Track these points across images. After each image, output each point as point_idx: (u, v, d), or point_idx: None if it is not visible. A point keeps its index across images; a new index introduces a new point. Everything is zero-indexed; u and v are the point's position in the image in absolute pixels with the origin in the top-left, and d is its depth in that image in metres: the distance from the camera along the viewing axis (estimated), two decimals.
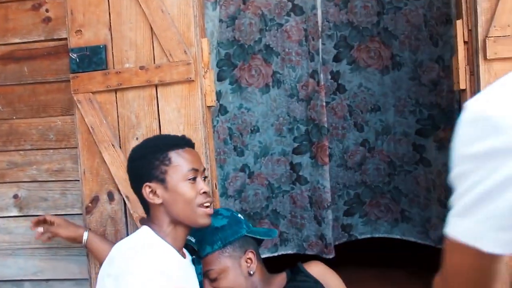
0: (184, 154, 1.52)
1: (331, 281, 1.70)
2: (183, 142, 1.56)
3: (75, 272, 2.04)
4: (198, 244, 1.67)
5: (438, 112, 2.72)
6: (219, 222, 1.67)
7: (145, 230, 1.53)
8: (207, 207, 1.52)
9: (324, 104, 2.65)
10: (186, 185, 1.48)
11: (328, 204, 2.71)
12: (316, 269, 1.72)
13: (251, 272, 1.66)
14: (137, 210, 1.92)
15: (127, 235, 1.95)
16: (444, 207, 2.73)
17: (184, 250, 1.61)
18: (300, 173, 2.81)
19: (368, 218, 2.98)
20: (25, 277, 2.08)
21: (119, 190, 1.94)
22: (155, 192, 1.48)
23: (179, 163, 1.49)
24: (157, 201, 1.49)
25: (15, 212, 2.07)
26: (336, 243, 2.85)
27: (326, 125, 2.68)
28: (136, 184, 1.54)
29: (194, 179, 1.50)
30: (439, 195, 2.76)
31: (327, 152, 2.71)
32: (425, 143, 2.82)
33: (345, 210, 2.97)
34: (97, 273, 1.95)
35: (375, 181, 2.97)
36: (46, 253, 2.06)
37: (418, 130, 2.83)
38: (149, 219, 1.56)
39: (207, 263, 1.66)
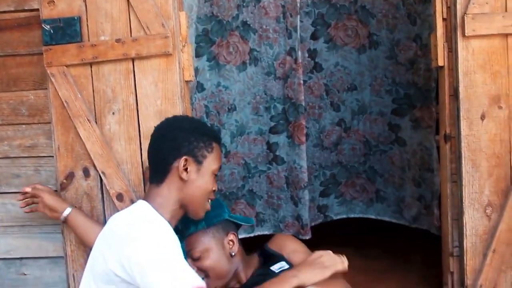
0: (219, 152, 1.64)
1: (290, 248, 1.72)
2: (220, 141, 1.68)
3: (50, 250, 2.00)
4: (182, 223, 1.68)
5: (415, 91, 2.72)
6: None
7: (143, 205, 1.53)
8: (209, 204, 1.62)
9: (302, 82, 2.61)
10: (212, 177, 1.59)
11: (305, 185, 2.69)
12: (275, 243, 1.75)
13: (233, 253, 1.70)
14: (114, 186, 1.90)
15: (104, 212, 1.92)
16: (418, 187, 2.76)
17: None
18: (277, 153, 2.78)
19: (343, 199, 2.99)
20: None
21: (95, 166, 1.90)
22: (187, 168, 1.53)
23: (217, 156, 1.60)
24: (185, 177, 1.53)
25: None
26: (312, 224, 2.86)
27: (303, 104, 2.65)
28: (169, 151, 1.54)
29: (216, 175, 1.61)
30: (414, 175, 2.78)
31: (304, 131, 2.68)
32: (401, 123, 2.82)
33: (321, 190, 2.95)
34: (72, 251, 1.94)
35: (350, 161, 2.96)
36: (19, 231, 2.01)
37: (394, 110, 2.82)
38: (153, 191, 1.55)
39: (191, 243, 1.68)
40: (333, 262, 1.58)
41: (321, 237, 2.74)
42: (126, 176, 1.88)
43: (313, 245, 2.30)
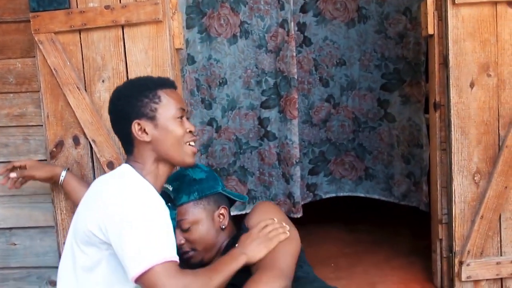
0: (172, 94, 1.54)
1: (255, 220, 1.67)
2: (169, 83, 1.58)
3: (40, 220, 1.99)
4: (175, 192, 1.67)
5: (404, 65, 2.72)
6: (198, 175, 1.68)
7: (126, 168, 1.51)
8: (193, 145, 1.56)
9: (294, 54, 2.58)
10: (175, 123, 1.50)
11: (297, 161, 2.66)
12: (251, 221, 1.68)
13: (223, 227, 1.69)
14: (104, 154, 1.88)
15: (94, 180, 1.90)
16: (407, 163, 2.77)
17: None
18: (268, 129, 2.74)
19: (332, 177, 2.98)
20: None
21: (85, 134, 1.89)
22: (144, 129, 1.48)
23: (169, 101, 1.51)
24: (146, 138, 1.48)
25: None
26: (302, 203, 2.84)
27: (295, 77, 2.61)
28: (121, 123, 1.51)
29: (181, 117, 1.53)
30: (403, 151, 2.78)
31: (296, 106, 2.64)
32: (390, 98, 2.81)
33: (310, 168, 2.94)
34: (63, 219, 1.93)
35: (339, 138, 2.95)
36: (9, 201, 1.99)
37: (383, 85, 2.82)
38: (130, 158, 1.53)
39: (182, 213, 1.66)
40: (276, 233, 1.58)
41: (310, 215, 2.75)
42: (116, 144, 1.86)
43: (302, 222, 2.33)
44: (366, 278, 2.24)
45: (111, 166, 1.87)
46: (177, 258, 1.38)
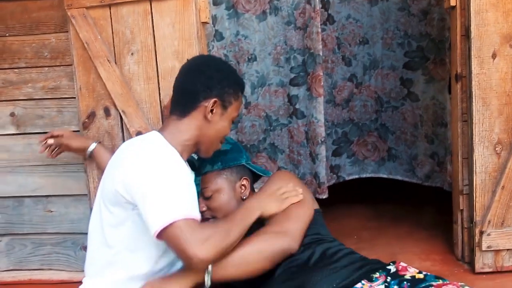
0: (242, 102, 1.74)
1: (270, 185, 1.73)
2: (243, 91, 1.74)
3: (73, 188, 2.09)
4: (200, 161, 1.74)
5: (428, 43, 2.68)
6: (223, 146, 1.74)
7: (155, 134, 1.58)
8: (219, 147, 1.70)
9: (320, 31, 2.55)
10: (229, 124, 1.66)
11: (322, 140, 2.64)
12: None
13: (243, 198, 1.74)
14: (133, 125, 1.97)
15: None
16: (431, 143, 2.75)
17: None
18: (297, 106, 2.72)
19: (355, 158, 2.96)
20: (25, 194, 2.13)
21: (115, 105, 1.97)
22: (213, 110, 1.59)
23: (238, 106, 1.68)
24: (210, 117, 1.58)
25: (12, 130, 2.10)
26: (326, 184, 2.81)
27: (321, 53, 2.58)
28: (202, 88, 1.58)
29: (232, 123, 1.69)
30: (426, 131, 2.76)
31: (322, 83, 2.59)
32: (413, 77, 2.78)
33: (334, 150, 2.92)
34: (95, 188, 2.02)
35: (362, 118, 2.92)
36: (45, 170, 2.11)
37: (406, 63, 2.78)
38: (165, 125, 1.62)
39: (205, 181, 1.74)
40: (289, 195, 1.65)
41: (334, 196, 2.74)
42: (145, 114, 1.96)
43: (326, 204, 2.35)
44: (387, 249, 2.27)
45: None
46: (199, 217, 1.45)
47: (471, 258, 2.05)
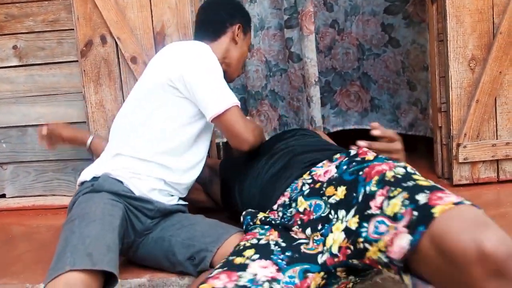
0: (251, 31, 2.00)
1: None
2: None
3: (73, 116, 2.22)
4: None
5: None
6: None
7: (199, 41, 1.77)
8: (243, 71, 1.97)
9: None
10: (248, 50, 1.95)
11: (316, 80, 2.60)
12: None
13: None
14: (128, 50, 2.09)
15: (120, 75, 2.13)
16: (414, 90, 2.73)
17: None
18: (292, 50, 2.66)
19: (339, 109, 2.90)
20: (28, 123, 2.26)
21: (111, 33, 2.10)
22: (238, 35, 1.84)
23: (251, 34, 1.96)
24: (237, 39, 1.83)
25: (15, 62, 2.23)
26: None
27: None
28: (229, 14, 1.84)
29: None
30: (409, 77, 2.74)
31: (312, 20, 2.54)
32: (394, 22, 2.74)
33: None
34: (93, 112, 2.14)
35: (344, 67, 2.86)
36: (47, 100, 2.23)
37: (387, 8, 2.74)
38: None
39: None
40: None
41: None
42: (139, 41, 2.08)
43: None
44: None
45: (134, 60, 2.08)
46: (239, 104, 1.64)
47: (450, 173, 2.16)
